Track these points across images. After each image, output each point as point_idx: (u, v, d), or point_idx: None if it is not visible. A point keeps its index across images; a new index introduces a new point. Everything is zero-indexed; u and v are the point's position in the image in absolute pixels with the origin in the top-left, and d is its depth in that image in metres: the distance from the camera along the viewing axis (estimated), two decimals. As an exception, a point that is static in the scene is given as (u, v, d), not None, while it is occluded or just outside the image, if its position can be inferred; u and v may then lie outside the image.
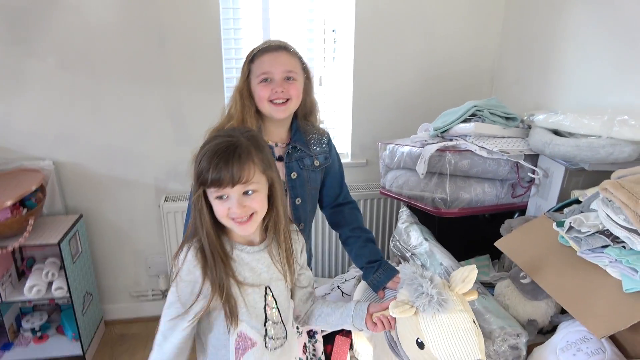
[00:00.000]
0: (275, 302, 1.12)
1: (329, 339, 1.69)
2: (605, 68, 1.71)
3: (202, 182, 0.99)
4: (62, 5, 2.02)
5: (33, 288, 2.05)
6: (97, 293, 2.43)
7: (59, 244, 2.00)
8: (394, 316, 1.08)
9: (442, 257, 1.53)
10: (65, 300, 2.11)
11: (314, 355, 1.57)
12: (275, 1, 2.29)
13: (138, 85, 2.20)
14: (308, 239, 1.50)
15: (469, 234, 1.87)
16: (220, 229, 1.06)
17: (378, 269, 1.41)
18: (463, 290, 1.07)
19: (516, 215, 1.86)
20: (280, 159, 1.42)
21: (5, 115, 2.13)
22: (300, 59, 1.41)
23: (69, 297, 2.08)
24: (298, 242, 1.20)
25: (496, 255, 1.86)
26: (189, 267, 1.04)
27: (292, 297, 1.22)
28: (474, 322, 1.04)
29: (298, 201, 1.44)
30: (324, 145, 1.49)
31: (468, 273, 1.07)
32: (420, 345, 1.03)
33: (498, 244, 1.45)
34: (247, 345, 1.08)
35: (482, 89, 2.50)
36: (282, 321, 1.13)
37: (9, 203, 1.88)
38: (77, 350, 2.19)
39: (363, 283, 1.51)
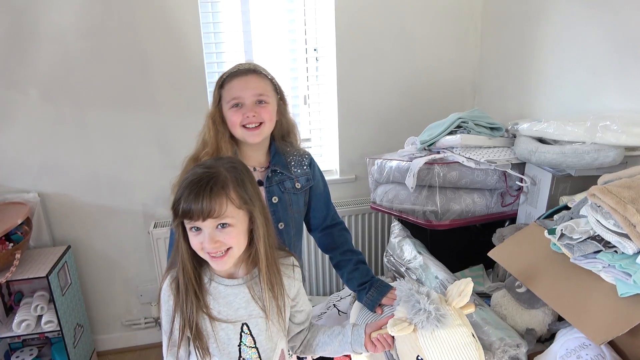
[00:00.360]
0: (254, 340, 1.06)
1: (327, 359, 1.67)
2: (582, 75, 1.74)
3: (175, 212, 0.97)
4: (41, 36, 2.01)
5: (22, 323, 2.00)
6: (88, 324, 2.38)
7: (47, 276, 1.96)
8: (392, 335, 1.07)
9: (436, 270, 1.53)
10: (55, 333, 2.05)
11: None
12: (256, 23, 2.31)
13: (122, 112, 2.19)
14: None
15: (461, 245, 1.88)
16: (200, 258, 1.03)
17: (370, 289, 1.40)
18: (460, 304, 1.07)
19: (507, 223, 1.88)
20: (260, 183, 1.39)
21: (-12, 149, 2.10)
22: (271, 80, 1.40)
23: (60, 330, 2.03)
24: (293, 279, 1.13)
25: (490, 264, 1.86)
26: (164, 297, 1.05)
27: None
28: (473, 335, 1.04)
29: (281, 225, 1.41)
30: (305, 167, 1.45)
31: (464, 286, 1.07)
32: (421, 362, 1.03)
33: (491, 254, 1.45)
34: None
35: (464, 101, 2.53)
36: None
37: (-6, 238, 1.85)
38: (69, 385, 2.13)
39: (358, 303, 1.50)
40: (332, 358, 1.64)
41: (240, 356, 1.06)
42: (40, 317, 2.06)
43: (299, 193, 1.44)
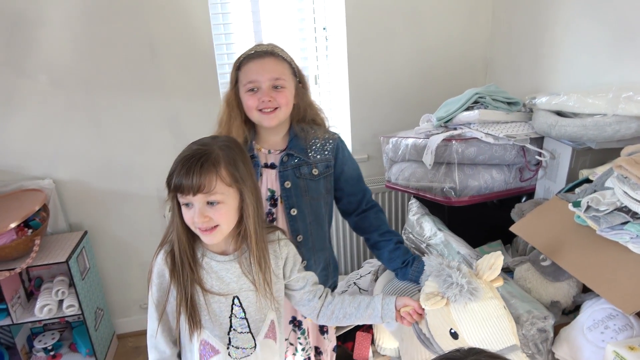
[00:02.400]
0: (244, 312, 1.11)
1: (349, 335, 1.70)
2: (599, 47, 1.73)
3: (169, 186, 1.01)
4: (49, 22, 1.99)
5: (44, 308, 2.03)
6: (107, 308, 2.41)
7: (67, 261, 1.98)
8: (425, 309, 1.08)
9: (458, 245, 1.54)
10: (76, 317, 2.08)
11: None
12: (264, 3, 2.28)
13: (133, 97, 2.17)
14: (315, 252, 1.44)
15: (479, 221, 1.88)
16: (194, 234, 1.06)
17: (413, 263, 1.41)
18: (491, 277, 1.08)
19: (524, 199, 1.88)
20: (273, 166, 1.38)
21: (1, 137, 2.09)
22: (290, 63, 1.36)
23: (81, 314, 2.06)
24: (279, 255, 1.16)
25: (508, 239, 1.88)
26: (159, 269, 1.08)
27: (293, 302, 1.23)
28: (504, 308, 1.05)
29: (293, 212, 1.37)
30: (326, 153, 1.40)
31: (494, 260, 1.08)
32: (454, 335, 1.04)
33: (513, 228, 1.46)
34: (210, 353, 1.10)
35: (476, 77, 2.51)
36: (250, 332, 1.12)
37: (13, 225, 1.86)
38: (92, 367, 2.17)
39: (381, 279, 1.52)
40: (356, 332, 1.67)
41: (231, 327, 1.11)
42: (61, 301, 2.08)
43: (317, 180, 1.39)
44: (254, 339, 1.13)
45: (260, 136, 1.41)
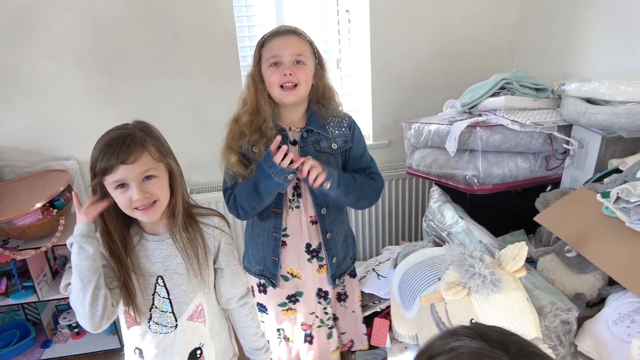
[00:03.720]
0: (167, 292, 1.14)
1: (367, 321, 1.70)
2: (632, 32, 1.65)
3: (98, 171, 1.02)
4: (72, 4, 1.99)
5: (69, 286, 2.07)
6: (129, 288, 2.45)
7: (90, 242, 2.01)
8: (446, 298, 1.07)
9: (480, 234, 1.51)
10: (100, 296, 2.13)
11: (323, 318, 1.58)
12: (287, -16, 2.24)
13: (154, 79, 2.18)
14: (336, 224, 1.48)
15: (501, 210, 1.85)
16: (127, 219, 1.11)
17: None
18: (514, 268, 1.06)
19: (549, 188, 1.84)
20: (295, 142, 1.41)
21: (27, 118, 2.12)
22: (311, 43, 1.40)
23: (104, 293, 2.10)
24: (212, 237, 1.17)
25: (531, 229, 1.84)
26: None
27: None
28: (527, 300, 1.03)
29: None
30: (343, 129, 1.46)
31: (518, 250, 1.06)
32: (475, 325, 1.03)
33: (538, 218, 1.43)
34: (132, 321, 1.15)
35: (502, 62, 2.44)
36: (172, 311, 1.15)
37: (39, 205, 1.89)
38: (115, 344, 2.22)
39: (401, 266, 1.51)
40: (374, 317, 1.67)
41: (153, 304, 1.14)
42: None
43: (335, 154, 1.44)
44: (176, 320, 1.16)
45: (281, 114, 1.44)
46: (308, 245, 1.46)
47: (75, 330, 2.31)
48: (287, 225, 1.44)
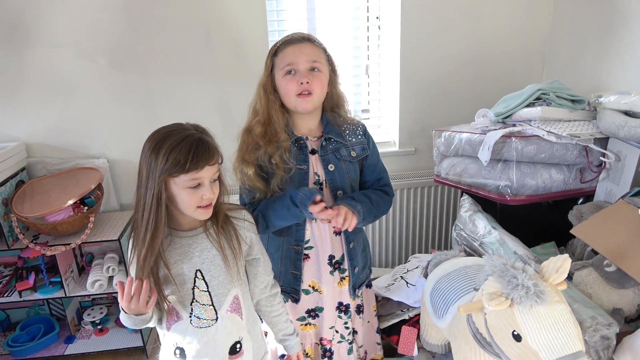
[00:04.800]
0: (207, 285, 1.16)
1: (394, 328, 1.69)
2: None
3: (177, 171, 1.04)
4: (108, 4, 2.03)
5: (96, 283, 2.10)
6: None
7: (118, 239, 2.03)
8: (487, 309, 1.06)
9: (514, 245, 1.50)
10: (124, 294, 2.15)
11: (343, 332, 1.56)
12: (319, -9, 2.26)
13: (186, 81, 2.20)
14: (357, 233, 1.47)
15: (532, 221, 1.83)
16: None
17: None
18: (557, 280, 1.05)
19: (580, 200, 1.82)
20: (313, 151, 1.41)
21: (60, 116, 2.16)
22: (324, 50, 1.40)
23: (130, 291, 2.12)
24: (244, 229, 1.23)
25: (561, 241, 1.82)
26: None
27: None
28: (570, 313, 1.02)
29: (340, 194, 1.40)
30: (359, 136, 1.46)
31: (562, 262, 1.04)
32: (517, 337, 1.02)
33: (575, 231, 1.41)
34: (174, 318, 1.18)
35: (532, 72, 2.43)
36: (212, 304, 1.17)
37: (71, 202, 1.92)
38: (137, 342, 2.23)
39: (432, 276, 1.50)
40: (402, 325, 1.66)
41: (193, 298, 1.16)
42: (111, 277, 2.15)
43: (354, 162, 1.44)
44: (216, 312, 1.18)
45: (295, 123, 1.43)
46: (331, 257, 1.45)
47: (99, 327, 2.33)
48: (310, 237, 1.43)
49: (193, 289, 1.16)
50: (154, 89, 2.19)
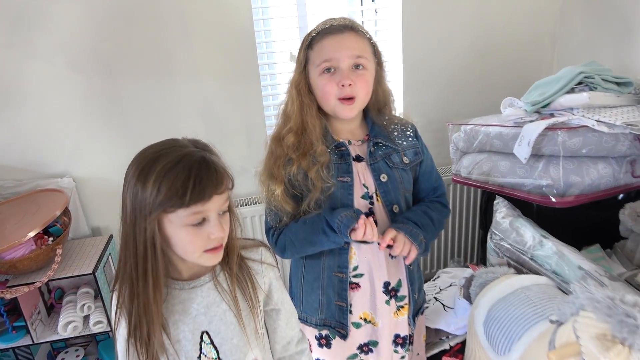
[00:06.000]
0: (216, 351, 0.91)
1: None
2: None
3: (173, 204, 0.77)
4: (62, -4, 1.70)
5: (69, 325, 1.77)
6: (136, 319, 2.16)
7: (93, 273, 1.72)
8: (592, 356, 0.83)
9: (577, 259, 1.27)
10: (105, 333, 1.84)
11: None
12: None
13: (162, 82, 1.90)
14: None
15: (572, 223, 1.62)
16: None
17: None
18: (681, 315, 0.82)
19: (621, 196, 1.63)
20: (358, 158, 1.15)
21: (11, 129, 1.81)
22: (370, 40, 1.14)
23: (110, 330, 1.81)
24: (261, 275, 0.95)
25: (606, 244, 1.63)
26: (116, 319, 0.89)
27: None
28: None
29: (395, 208, 1.16)
30: (410, 139, 1.21)
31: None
32: (641, 394, 0.79)
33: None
34: None
35: (542, 56, 2.23)
36: None
37: (32, 234, 1.59)
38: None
39: (485, 302, 1.26)
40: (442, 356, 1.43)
41: None
42: (86, 316, 1.83)
43: (407, 169, 1.19)
44: None
45: (333, 127, 1.19)
46: (386, 284, 1.19)
47: (75, 372, 2.01)
48: (358, 262, 1.17)
49: (199, 357, 0.89)
50: (124, 93, 1.87)
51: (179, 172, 0.77)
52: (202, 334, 0.89)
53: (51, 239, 1.70)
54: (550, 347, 1.00)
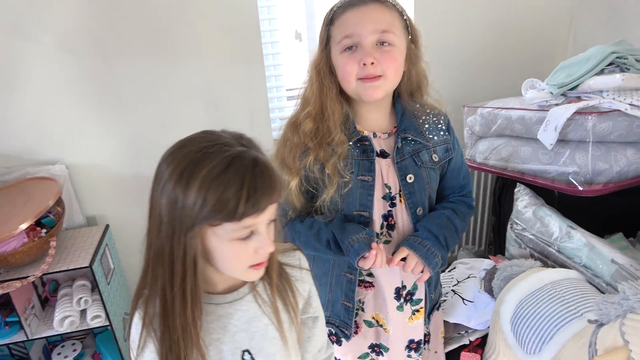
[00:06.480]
0: None
1: (452, 356, 1.39)
2: None
3: (224, 218, 0.66)
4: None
5: (65, 320, 1.69)
6: (134, 311, 2.08)
7: (90, 266, 1.63)
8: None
9: (610, 252, 1.20)
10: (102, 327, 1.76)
11: None
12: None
13: (159, 62, 1.78)
14: None
15: (593, 211, 1.55)
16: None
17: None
18: None
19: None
20: (383, 154, 1.04)
21: (2, 114, 1.69)
22: (401, 12, 1.02)
23: (109, 324, 1.73)
24: (302, 281, 0.87)
25: (630, 232, 1.56)
26: (138, 341, 0.76)
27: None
28: None
29: (419, 211, 1.06)
30: (442, 133, 1.09)
31: None
32: None
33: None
34: None
35: (558, 34, 2.13)
36: None
37: (24, 226, 1.49)
38: (123, 383, 1.86)
39: (511, 297, 1.19)
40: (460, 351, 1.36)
41: None
42: (83, 310, 1.75)
43: (435, 167, 1.08)
44: None
45: (358, 115, 1.07)
46: (398, 290, 1.10)
47: (73, 367, 1.94)
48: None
49: None
50: (118, 74, 1.75)
51: (229, 179, 0.65)
52: (243, 352, 0.80)
53: (44, 230, 1.60)
54: (590, 350, 0.93)
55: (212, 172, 0.65)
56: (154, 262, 0.72)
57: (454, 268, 1.57)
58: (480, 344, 1.36)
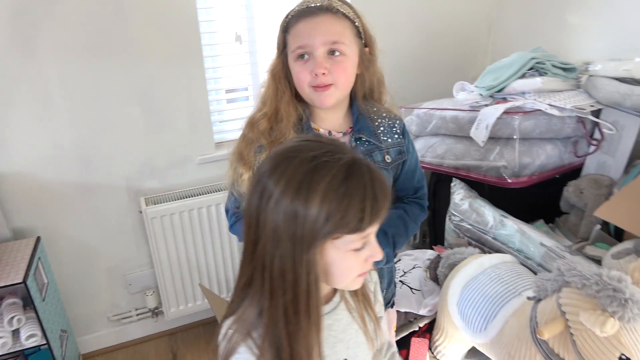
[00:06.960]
0: None
1: (403, 342, 1.47)
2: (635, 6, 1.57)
3: (349, 230, 0.64)
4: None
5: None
6: (71, 326, 1.96)
7: (24, 282, 1.52)
8: (599, 334, 0.86)
9: (538, 235, 1.34)
10: (38, 347, 1.65)
11: None
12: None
13: (91, 63, 1.69)
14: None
15: (518, 201, 1.71)
16: None
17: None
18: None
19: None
20: None
21: None
22: (352, 21, 1.04)
23: (46, 342, 1.62)
24: (371, 281, 0.88)
25: (548, 219, 1.74)
26: None
27: None
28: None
29: None
30: (396, 136, 1.13)
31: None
32: (630, 362, 0.85)
33: (601, 213, 1.29)
34: None
35: (478, 40, 2.32)
36: None
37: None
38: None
39: (459, 278, 1.29)
40: (411, 337, 1.45)
41: None
42: (16, 331, 1.62)
43: (388, 168, 1.13)
44: None
45: (316, 114, 1.10)
46: None
47: (3, 391, 1.79)
48: None
49: None
50: (48, 76, 1.65)
51: (352, 190, 0.63)
52: None
53: (-31, 245, 1.47)
54: (531, 324, 1.04)
55: (332, 183, 0.62)
56: (272, 284, 0.66)
57: (400, 260, 1.66)
58: (428, 329, 1.45)
